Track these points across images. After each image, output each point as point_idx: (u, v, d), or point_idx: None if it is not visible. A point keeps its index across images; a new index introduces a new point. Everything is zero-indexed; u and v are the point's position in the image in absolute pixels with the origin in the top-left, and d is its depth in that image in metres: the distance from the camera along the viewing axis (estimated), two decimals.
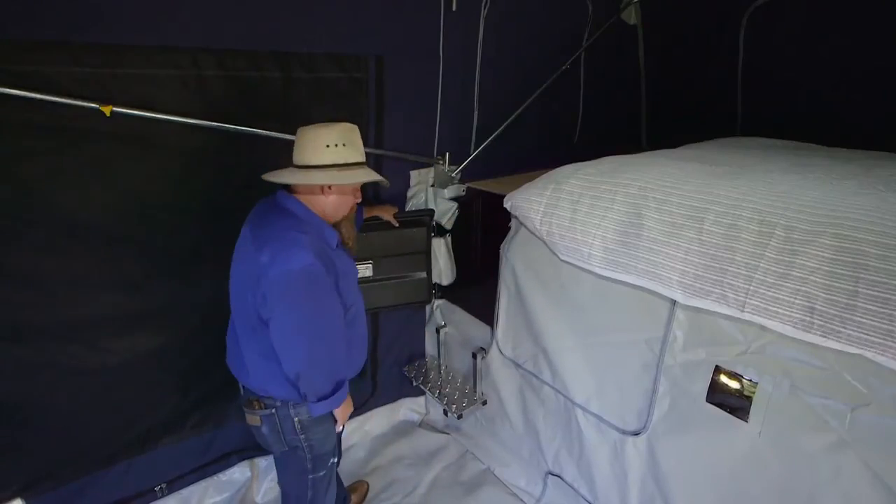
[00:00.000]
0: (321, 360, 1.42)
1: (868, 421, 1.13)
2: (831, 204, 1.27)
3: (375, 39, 2.01)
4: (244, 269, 1.43)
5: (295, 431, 1.50)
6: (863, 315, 1.07)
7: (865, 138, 2.21)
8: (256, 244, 1.37)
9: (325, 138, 1.43)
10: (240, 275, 1.46)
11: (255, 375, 1.49)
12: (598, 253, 1.55)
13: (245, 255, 1.44)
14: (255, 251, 1.37)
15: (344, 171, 1.43)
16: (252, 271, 1.37)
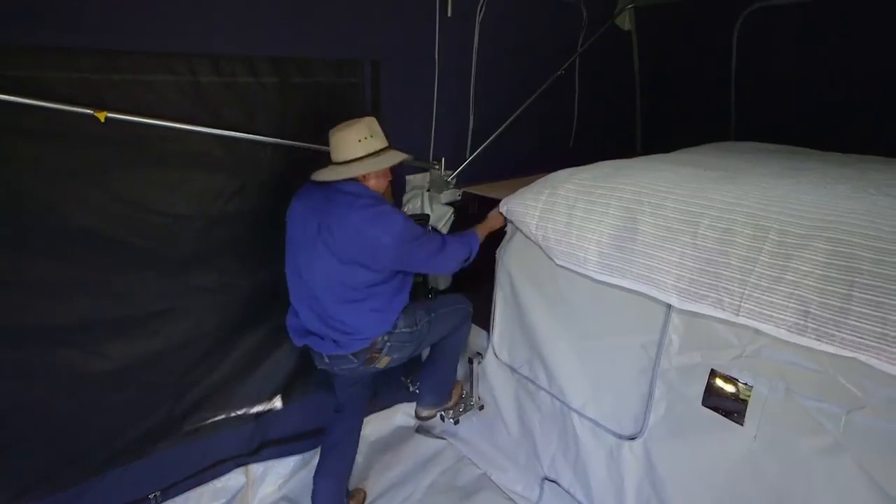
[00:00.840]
0: (451, 258, 1.79)
1: (863, 423, 1.14)
2: (825, 208, 1.28)
3: (372, 44, 2.02)
4: (348, 252, 1.64)
5: (410, 340, 1.85)
6: (857, 319, 1.08)
7: (859, 142, 2.23)
8: (351, 227, 1.62)
9: (356, 135, 1.68)
10: (336, 262, 1.66)
11: (372, 329, 1.75)
12: (593, 257, 1.56)
13: (333, 244, 1.64)
14: (354, 233, 1.62)
15: (375, 158, 1.70)
16: (361, 250, 1.63)
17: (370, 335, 1.75)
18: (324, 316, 1.73)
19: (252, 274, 1.99)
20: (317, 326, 1.76)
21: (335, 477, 1.94)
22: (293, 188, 1.98)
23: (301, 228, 1.71)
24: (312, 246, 1.68)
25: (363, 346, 1.75)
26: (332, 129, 1.71)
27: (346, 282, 1.68)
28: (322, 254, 1.66)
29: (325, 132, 1.98)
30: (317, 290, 1.71)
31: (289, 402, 2.22)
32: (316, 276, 1.69)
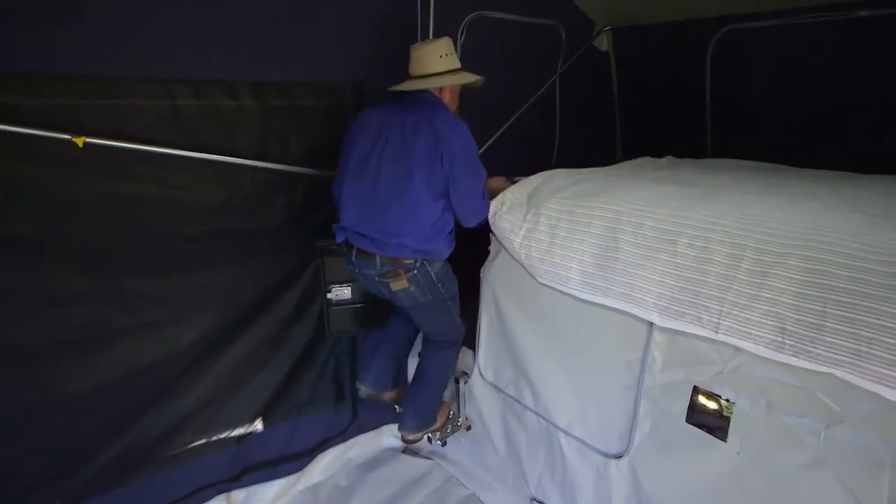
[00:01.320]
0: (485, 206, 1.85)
1: (842, 438, 1.15)
2: (799, 226, 1.31)
3: (354, 67, 2.04)
4: (414, 150, 1.70)
5: (433, 282, 1.84)
6: (832, 335, 1.10)
7: (832, 158, 2.30)
8: (432, 126, 1.69)
9: (437, 50, 1.81)
10: (403, 155, 1.71)
11: (411, 241, 1.76)
12: (576, 276, 1.57)
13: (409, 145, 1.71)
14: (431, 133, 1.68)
15: (455, 75, 1.83)
16: (433, 150, 1.68)
17: (407, 245, 1.76)
18: (376, 216, 1.77)
19: (233, 293, 1.97)
20: (364, 226, 1.80)
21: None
22: (276, 207, 1.98)
23: (374, 133, 1.77)
24: (382, 149, 1.74)
25: (395, 255, 1.77)
26: (414, 45, 1.84)
27: (410, 186, 1.71)
28: (393, 155, 1.73)
29: (307, 154, 1.98)
30: (379, 193, 1.75)
31: (271, 425, 2.18)
32: (382, 178, 1.74)
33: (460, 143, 1.71)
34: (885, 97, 2.27)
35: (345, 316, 2.16)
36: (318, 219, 2.13)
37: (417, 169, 1.70)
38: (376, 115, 1.81)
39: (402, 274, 1.80)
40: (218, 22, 1.68)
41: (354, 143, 1.80)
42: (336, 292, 2.12)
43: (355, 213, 1.81)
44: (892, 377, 1.03)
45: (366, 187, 1.77)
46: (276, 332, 2.11)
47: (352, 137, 1.82)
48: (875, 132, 2.34)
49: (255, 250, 1.99)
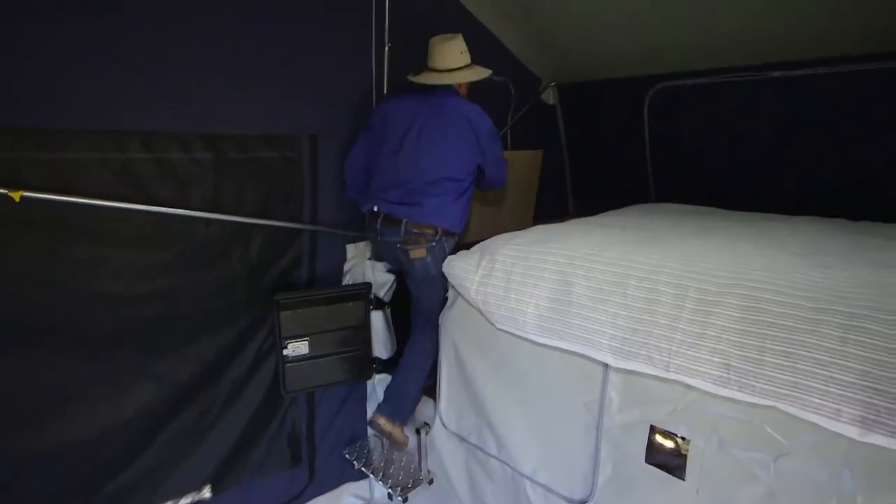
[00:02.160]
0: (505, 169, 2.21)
1: (790, 469, 1.19)
2: (733, 266, 1.40)
3: (310, 120, 2.07)
4: (446, 135, 2.00)
5: (445, 256, 2.00)
6: (771, 369, 1.16)
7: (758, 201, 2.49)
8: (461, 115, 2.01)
9: (458, 47, 2.05)
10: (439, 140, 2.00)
11: (445, 214, 2.02)
12: (532, 321, 1.60)
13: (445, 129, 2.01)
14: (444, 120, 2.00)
15: (472, 70, 2.08)
16: (461, 133, 2.01)
17: (434, 214, 2.00)
18: (410, 185, 2.00)
19: (182, 355, 1.88)
20: (396, 194, 2.02)
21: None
22: (230, 261, 1.93)
23: (410, 114, 2.03)
24: (420, 129, 2.00)
25: (420, 220, 2.00)
26: (434, 39, 2.05)
27: (444, 161, 2.00)
28: (430, 134, 1.99)
29: (263, 206, 1.97)
30: (415, 166, 2.00)
31: (221, 492, 2.04)
32: (419, 153, 1.99)
33: (488, 124, 2.05)
34: (798, 145, 2.51)
35: (302, 372, 2.10)
36: (275, 273, 2.09)
37: (452, 148, 2.00)
38: (408, 99, 2.08)
39: (422, 243, 2.01)
40: (171, 74, 1.68)
41: (387, 121, 2.06)
42: (293, 347, 2.06)
43: (389, 180, 2.04)
44: (828, 407, 1.09)
45: (402, 160, 2.01)
46: (228, 392, 2.02)
47: (384, 116, 2.08)
48: (793, 177, 2.57)
49: (208, 308, 1.92)
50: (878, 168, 2.33)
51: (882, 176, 2.32)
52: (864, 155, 2.36)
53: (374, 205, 2.08)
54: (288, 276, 2.14)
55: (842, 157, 2.41)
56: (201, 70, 1.74)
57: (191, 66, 1.72)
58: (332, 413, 2.37)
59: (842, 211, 2.18)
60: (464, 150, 2.03)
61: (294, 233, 2.12)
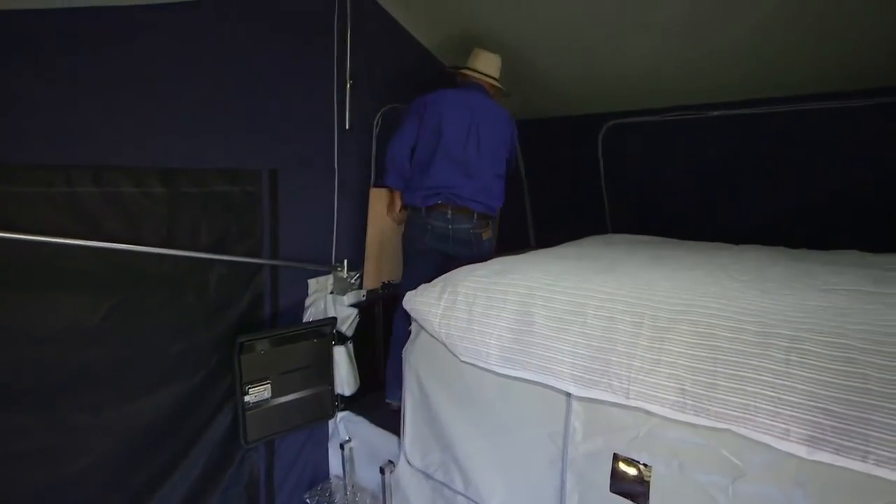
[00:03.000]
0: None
1: (746, 491, 1.22)
2: (684, 293, 1.45)
3: (269, 154, 2.07)
4: (495, 135, 2.40)
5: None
6: (723, 392, 1.20)
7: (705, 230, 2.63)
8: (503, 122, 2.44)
9: (498, 62, 2.49)
10: (492, 140, 2.39)
11: (499, 198, 2.46)
12: (495, 352, 1.60)
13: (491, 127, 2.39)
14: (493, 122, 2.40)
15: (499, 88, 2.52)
16: (504, 134, 2.44)
17: (492, 206, 2.42)
18: (474, 181, 2.31)
19: (135, 404, 1.77)
20: (463, 189, 2.30)
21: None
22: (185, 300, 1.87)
23: (466, 114, 2.31)
24: (477, 130, 2.31)
25: (484, 211, 2.38)
26: (480, 49, 2.46)
27: (497, 160, 2.41)
28: (486, 136, 2.33)
29: (220, 241, 1.93)
30: (476, 163, 2.32)
31: None
32: (480, 152, 2.32)
33: (514, 129, 2.50)
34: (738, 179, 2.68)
35: (264, 419, 2.01)
36: (236, 312, 2.03)
37: (502, 148, 2.42)
38: (457, 99, 2.34)
39: (489, 226, 2.44)
40: (125, 107, 1.65)
41: (443, 121, 2.29)
42: (254, 393, 1.98)
43: (458, 178, 2.30)
44: (778, 427, 1.13)
45: (471, 160, 2.31)
46: (184, 441, 1.91)
47: (438, 115, 2.29)
48: (736, 208, 2.73)
49: (163, 352, 1.83)
50: (811, 200, 2.51)
51: (815, 207, 2.50)
52: (798, 188, 2.54)
53: (440, 199, 2.31)
54: (250, 314, 2.08)
55: (778, 190, 2.59)
56: (157, 103, 1.73)
57: (146, 98, 1.70)
58: (293, 456, 2.27)
59: (782, 239, 2.32)
60: (505, 150, 2.45)
61: (254, 269, 2.08)
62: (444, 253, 2.39)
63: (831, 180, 2.46)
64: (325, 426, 2.40)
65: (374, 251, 2.50)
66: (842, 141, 2.39)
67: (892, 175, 2.33)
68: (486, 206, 2.37)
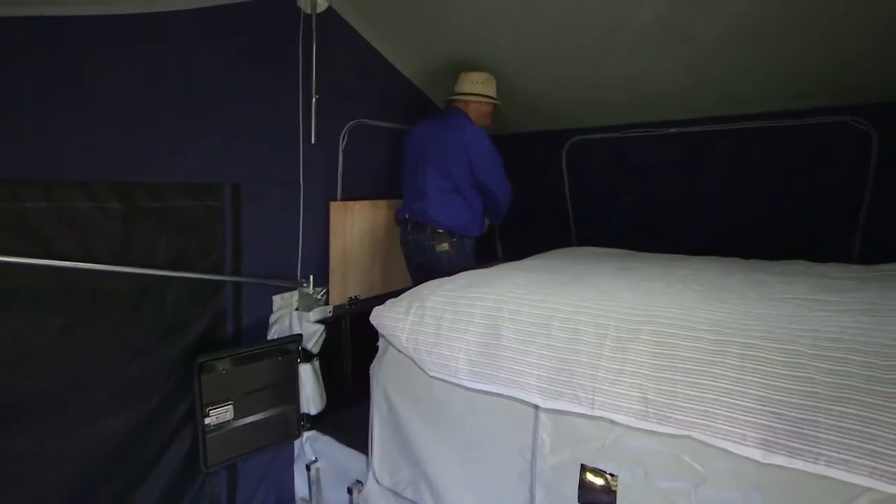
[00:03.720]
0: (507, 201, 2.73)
1: (708, 496, 1.25)
2: (645, 304, 1.49)
3: (232, 168, 2.03)
4: (441, 155, 2.49)
5: (466, 253, 2.61)
6: (683, 400, 1.24)
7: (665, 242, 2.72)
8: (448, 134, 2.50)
9: (475, 78, 2.57)
10: (438, 161, 2.50)
11: (453, 215, 2.53)
12: (463, 366, 1.60)
13: (437, 148, 2.50)
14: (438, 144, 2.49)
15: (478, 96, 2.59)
16: (454, 154, 2.47)
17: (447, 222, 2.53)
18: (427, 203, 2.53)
19: (89, 430, 1.68)
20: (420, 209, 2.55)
21: None
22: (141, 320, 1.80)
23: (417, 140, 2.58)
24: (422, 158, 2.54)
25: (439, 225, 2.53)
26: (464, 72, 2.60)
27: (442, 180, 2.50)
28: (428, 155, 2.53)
29: (179, 258, 1.88)
30: (424, 186, 2.50)
31: None
32: (424, 171, 2.50)
33: (480, 143, 2.48)
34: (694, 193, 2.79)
35: (226, 442, 1.94)
36: (197, 330, 1.96)
37: (450, 167, 2.47)
38: (421, 127, 2.59)
39: (446, 240, 2.54)
40: (79, 119, 1.59)
41: (405, 150, 2.64)
42: (215, 415, 1.91)
43: (412, 198, 2.57)
44: (735, 433, 1.17)
45: (417, 180, 2.54)
46: (141, 466, 1.82)
47: (405, 146, 2.65)
48: (693, 221, 2.84)
49: (119, 374, 1.75)
50: (761, 212, 2.64)
51: (765, 219, 2.63)
52: (749, 201, 2.67)
53: (405, 214, 2.61)
54: (212, 333, 2.02)
55: (731, 202, 2.71)
56: (114, 115, 1.67)
57: (102, 110, 1.65)
58: (257, 479, 2.19)
59: (736, 250, 2.42)
60: (457, 168, 2.48)
61: (216, 286, 2.02)
62: (416, 263, 2.70)
63: (780, 193, 2.59)
64: (290, 447, 2.33)
65: (339, 266, 2.48)
66: (788, 156, 2.53)
67: (835, 188, 2.47)
68: (434, 221, 2.52)
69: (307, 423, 2.28)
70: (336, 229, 2.47)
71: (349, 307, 2.50)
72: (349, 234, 2.53)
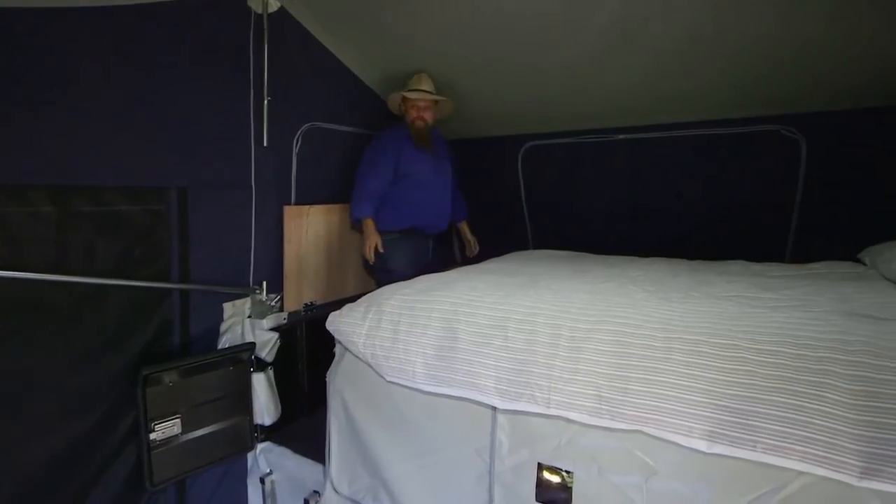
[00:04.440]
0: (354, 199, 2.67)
1: (659, 488, 1.29)
2: (599, 304, 1.54)
3: (179, 171, 1.95)
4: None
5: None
6: (635, 396, 1.28)
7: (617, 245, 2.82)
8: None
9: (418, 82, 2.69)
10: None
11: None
12: (421, 370, 1.60)
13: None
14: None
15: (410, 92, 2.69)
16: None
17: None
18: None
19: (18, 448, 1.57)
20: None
21: None
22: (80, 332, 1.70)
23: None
24: None
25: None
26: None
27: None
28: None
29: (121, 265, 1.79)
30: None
31: None
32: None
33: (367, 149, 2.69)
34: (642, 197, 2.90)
35: (173, 458, 1.85)
36: (141, 341, 1.86)
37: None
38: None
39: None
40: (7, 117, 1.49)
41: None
42: (161, 429, 1.82)
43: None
44: (683, 426, 1.22)
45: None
46: (75, 494, 1.71)
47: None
48: (643, 223, 2.95)
49: (56, 389, 1.64)
50: (706, 215, 2.78)
51: (709, 221, 2.77)
52: (695, 204, 2.80)
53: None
54: (158, 343, 1.92)
55: (678, 205, 2.84)
56: (48, 115, 1.57)
57: (35, 109, 1.54)
58: (207, 495, 2.10)
59: (683, 251, 2.54)
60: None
61: (161, 294, 1.93)
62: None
63: (719, 198, 2.74)
64: (243, 460, 2.25)
65: (294, 271, 2.42)
66: (727, 163, 2.68)
67: (769, 193, 2.63)
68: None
69: (261, 434, 2.21)
70: (290, 234, 2.41)
71: (304, 313, 2.45)
72: (304, 238, 2.48)
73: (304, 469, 2.12)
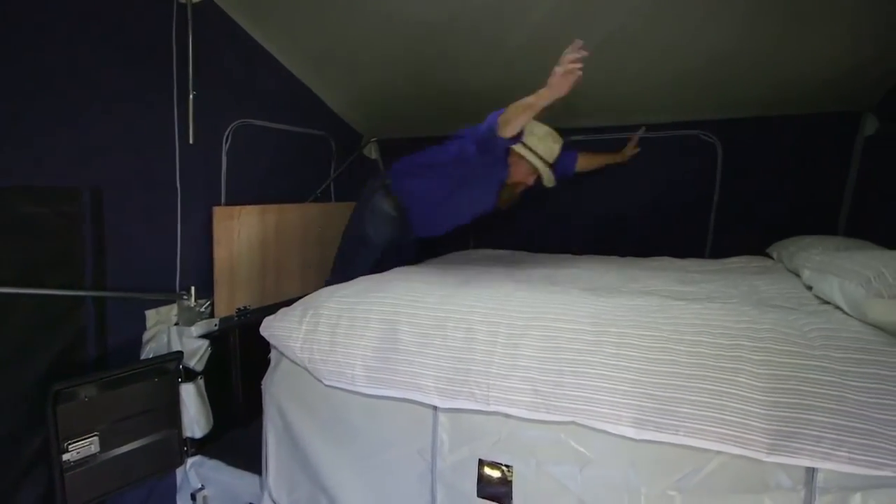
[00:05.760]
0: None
1: (592, 476, 1.35)
2: (534, 302, 1.57)
3: (92, 171, 1.80)
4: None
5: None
6: (569, 389, 1.33)
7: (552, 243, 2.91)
8: None
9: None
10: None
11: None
12: (360, 373, 1.57)
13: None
14: None
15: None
16: None
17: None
18: None
19: None
20: None
21: None
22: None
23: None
24: None
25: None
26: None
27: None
28: None
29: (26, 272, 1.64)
30: None
31: None
32: None
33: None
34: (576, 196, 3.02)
35: (90, 479, 1.71)
36: (50, 354, 1.70)
37: None
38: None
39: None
40: None
41: None
42: (76, 449, 1.67)
43: None
44: (612, 414, 1.28)
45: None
46: None
47: None
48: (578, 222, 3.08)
49: None
50: (635, 213, 2.94)
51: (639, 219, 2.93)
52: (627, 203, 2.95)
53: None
54: (71, 355, 1.77)
55: (610, 205, 2.98)
56: None
57: None
58: None
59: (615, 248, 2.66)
60: None
61: (74, 302, 1.77)
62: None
63: (646, 198, 2.90)
64: (172, 476, 2.11)
65: (225, 275, 2.31)
66: (654, 164, 2.83)
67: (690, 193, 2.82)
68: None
69: (191, 448, 2.09)
70: (221, 237, 2.30)
71: (237, 319, 2.34)
72: (236, 241, 2.37)
73: (239, 482, 2.02)
